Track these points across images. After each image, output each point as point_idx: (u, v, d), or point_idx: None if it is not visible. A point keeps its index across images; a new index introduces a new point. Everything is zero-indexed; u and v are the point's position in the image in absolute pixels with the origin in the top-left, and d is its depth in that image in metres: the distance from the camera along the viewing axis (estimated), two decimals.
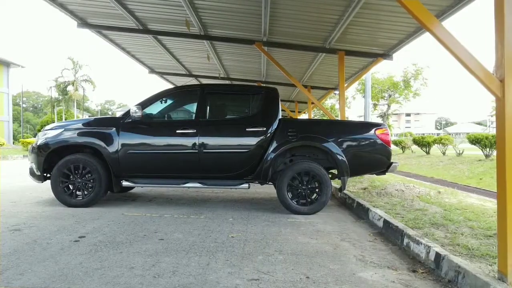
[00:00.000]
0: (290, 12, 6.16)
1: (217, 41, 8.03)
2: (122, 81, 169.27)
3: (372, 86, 19.55)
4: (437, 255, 2.98)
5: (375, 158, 5.46)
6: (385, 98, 20.33)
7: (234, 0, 5.97)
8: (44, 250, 3.34)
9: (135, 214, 4.97)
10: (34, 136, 57.70)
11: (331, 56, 8.36)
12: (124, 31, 7.97)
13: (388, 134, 5.49)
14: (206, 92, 5.59)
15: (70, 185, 5.39)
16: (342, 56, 7.51)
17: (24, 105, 62.63)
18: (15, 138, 42.71)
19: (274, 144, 5.30)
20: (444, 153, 14.86)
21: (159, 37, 8.49)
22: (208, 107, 5.57)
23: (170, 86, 16.13)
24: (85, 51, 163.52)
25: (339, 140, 5.33)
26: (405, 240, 3.64)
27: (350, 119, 17.31)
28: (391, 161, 5.48)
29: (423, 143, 16.97)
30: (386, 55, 7.58)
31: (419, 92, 19.48)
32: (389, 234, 4.09)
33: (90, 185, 5.35)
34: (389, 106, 21.04)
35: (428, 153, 15.52)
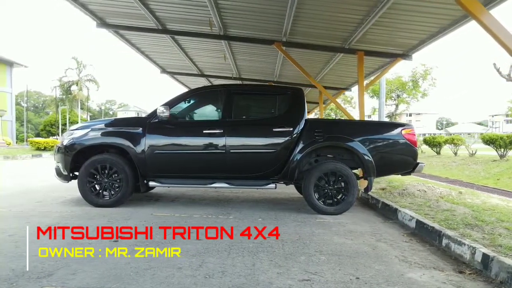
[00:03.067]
0: (314, 13, 6.15)
1: (236, 41, 8.03)
2: (123, 81, 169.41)
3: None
4: (485, 256, 2.98)
5: (401, 158, 5.46)
6: (393, 98, 20.34)
7: (260, 0, 5.97)
8: (88, 250, 3.34)
9: (164, 214, 4.98)
10: (36, 136, 57.87)
11: (348, 56, 8.35)
12: (143, 31, 7.97)
13: (415, 134, 5.49)
14: (232, 92, 5.60)
15: (96, 185, 5.39)
16: (362, 57, 7.50)
17: (25, 105, 62.54)
18: (17, 138, 42.73)
19: (301, 145, 5.30)
20: (455, 154, 14.83)
21: (176, 37, 8.49)
22: (234, 107, 5.56)
23: (180, 86, 16.16)
24: (85, 51, 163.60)
25: (365, 140, 5.34)
26: (444, 241, 3.64)
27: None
28: (417, 161, 5.48)
29: (434, 143, 16.92)
30: (405, 55, 7.57)
31: (427, 93, 19.53)
32: (424, 234, 4.09)
33: (116, 185, 5.35)
34: (397, 106, 21.03)
35: (438, 153, 15.49)
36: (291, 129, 5.33)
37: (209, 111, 6.04)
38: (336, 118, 29.04)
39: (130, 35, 8.96)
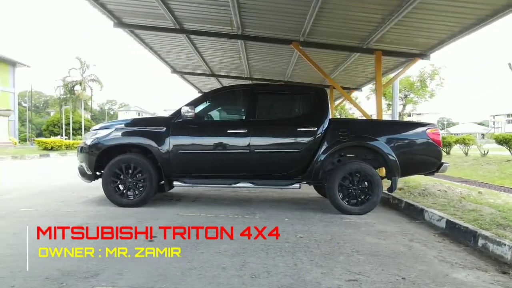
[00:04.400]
0: (336, 12, 6.14)
1: (253, 41, 8.02)
2: (123, 81, 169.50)
3: (389, 86, 19.48)
4: None
5: (426, 158, 5.45)
6: (401, 98, 20.29)
7: (283, 0, 5.96)
8: (126, 249, 3.33)
9: (190, 214, 4.97)
10: (37, 136, 57.82)
11: (364, 56, 8.34)
12: (161, 31, 7.97)
13: (439, 134, 5.48)
14: (256, 92, 5.59)
15: (120, 185, 5.38)
16: (380, 56, 7.49)
17: (26, 105, 62.66)
18: (19, 138, 42.76)
19: (325, 144, 5.29)
20: (466, 154, 14.80)
21: (192, 36, 8.48)
22: (258, 107, 5.56)
23: (188, 85, 16.14)
24: (85, 51, 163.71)
25: (390, 140, 5.33)
26: (481, 241, 3.62)
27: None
28: (442, 161, 5.47)
29: (444, 143, 16.79)
30: (423, 55, 7.56)
31: (434, 93, 19.49)
32: (456, 235, 4.07)
33: (140, 185, 5.35)
34: (404, 106, 21.02)
35: (448, 153, 15.45)
36: (315, 128, 5.32)
37: (232, 111, 6.03)
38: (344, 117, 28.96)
39: (144, 35, 8.96)
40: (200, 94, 18.07)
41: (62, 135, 45.43)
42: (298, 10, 6.18)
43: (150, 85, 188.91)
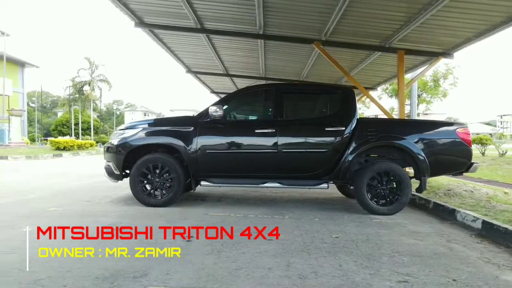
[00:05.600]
0: (362, 11, 6.08)
1: (275, 40, 7.98)
2: (129, 81, 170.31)
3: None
4: None
5: (456, 158, 5.38)
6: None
7: None
8: (166, 249, 3.32)
9: (219, 214, 4.94)
10: (44, 136, 58.24)
11: (385, 55, 8.28)
12: (183, 31, 7.96)
13: (469, 134, 5.42)
14: (283, 91, 5.56)
15: (147, 185, 5.38)
16: (402, 56, 7.42)
17: (33, 105, 63.11)
18: (28, 138, 43.11)
19: (353, 144, 5.25)
20: (483, 154, 14.65)
21: (211, 35, 8.45)
22: (285, 106, 5.52)
23: (198, 86, 16.15)
24: (92, 52, 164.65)
25: (419, 139, 5.27)
26: None
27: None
28: (472, 161, 5.40)
29: None
30: (447, 53, 7.48)
31: (447, 92, 19.29)
32: (494, 236, 4.00)
33: (167, 185, 5.34)
34: (417, 106, 20.73)
35: None
36: (343, 128, 5.28)
37: (259, 110, 6.00)
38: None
39: (163, 34, 8.96)
40: (211, 94, 18.15)
41: (71, 135, 45.71)
42: (324, 9, 6.14)
43: (156, 86, 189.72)
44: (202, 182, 5.35)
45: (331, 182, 5.55)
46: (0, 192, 6.54)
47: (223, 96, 20.45)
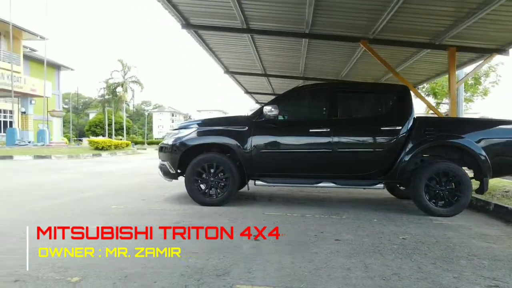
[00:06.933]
0: (414, 8, 5.94)
1: (321, 39, 7.92)
2: (157, 83, 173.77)
3: (439, 85, 18.82)
4: None
5: None
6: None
7: None
8: (238, 248, 3.36)
9: (276, 214, 4.95)
10: (77, 136, 60.22)
11: (433, 52, 8.06)
12: (229, 31, 8.04)
13: None
14: (337, 90, 5.52)
15: (201, 184, 5.45)
16: (454, 53, 7.19)
17: (66, 106, 65.42)
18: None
19: (410, 144, 5.13)
20: None
21: (255, 35, 8.48)
22: (340, 106, 5.48)
23: (236, 86, 16.26)
24: (122, 53, 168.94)
25: (480, 138, 5.09)
26: None
27: None
28: None
29: None
30: (501, 50, 7.20)
31: (488, 90, 18.54)
32: None
33: (222, 184, 5.39)
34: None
35: None
36: (400, 127, 5.18)
37: (313, 110, 5.96)
38: None
39: (206, 35, 9.08)
40: (244, 93, 18.24)
41: (104, 135, 47.13)
42: (377, 6, 6.02)
43: (183, 87, 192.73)
44: (257, 182, 5.37)
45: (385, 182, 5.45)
46: (58, 190, 6.81)
47: (256, 96, 20.72)
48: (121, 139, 37.93)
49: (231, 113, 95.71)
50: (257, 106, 29.16)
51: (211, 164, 5.37)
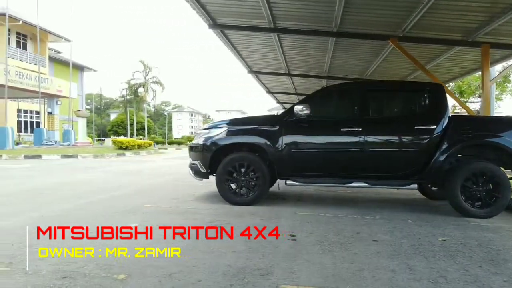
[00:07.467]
0: (447, 3, 5.79)
1: (348, 37, 7.84)
2: (176, 83, 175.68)
3: (466, 83, 18.36)
4: None
5: None
6: (478, 95, 18.94)
7: None
8: (276, 248, 3.35)
9: (308, 213, 4.92)
10: (99, 136, 61.43)
11: (465, 49, 7.86)
12: (257, 31, 8.05)
13: None
14: (367, 89, 5.45)
15: (232, 184, 5.47)
16: (487, 50, 6.99)
17: (88, 107, 66.86)
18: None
19: (446, 143, 5.01)
20: None
21: (281, 35, 8.46)
22: (371, 105, 5.41)
23: (257, 86, 16.28)
24: (143, 55, 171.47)
25: None
26: None
27: None
28: None
29: None
30: None
31: None
32: None
33: (253, 184, 5.39)
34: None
35: None
36: (434, 127, 5.06)
37: (344, 109, 5.88)
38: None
39: (232, 35, 9.13)
40: (266, 93, 18.24)
41: (126, 135, 47.97)
42: (409, 3, 5.91)
43: (202, 87, 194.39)
44: (287, 181, 5.35)
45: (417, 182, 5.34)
46: (89, 189, 6.96)
47: (278, 96, 20.68)
48: (141, 139, 38.58)
49: (250, 113, 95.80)
50: (278, 106, 29.11)
51: (242, 164, 5.37)
